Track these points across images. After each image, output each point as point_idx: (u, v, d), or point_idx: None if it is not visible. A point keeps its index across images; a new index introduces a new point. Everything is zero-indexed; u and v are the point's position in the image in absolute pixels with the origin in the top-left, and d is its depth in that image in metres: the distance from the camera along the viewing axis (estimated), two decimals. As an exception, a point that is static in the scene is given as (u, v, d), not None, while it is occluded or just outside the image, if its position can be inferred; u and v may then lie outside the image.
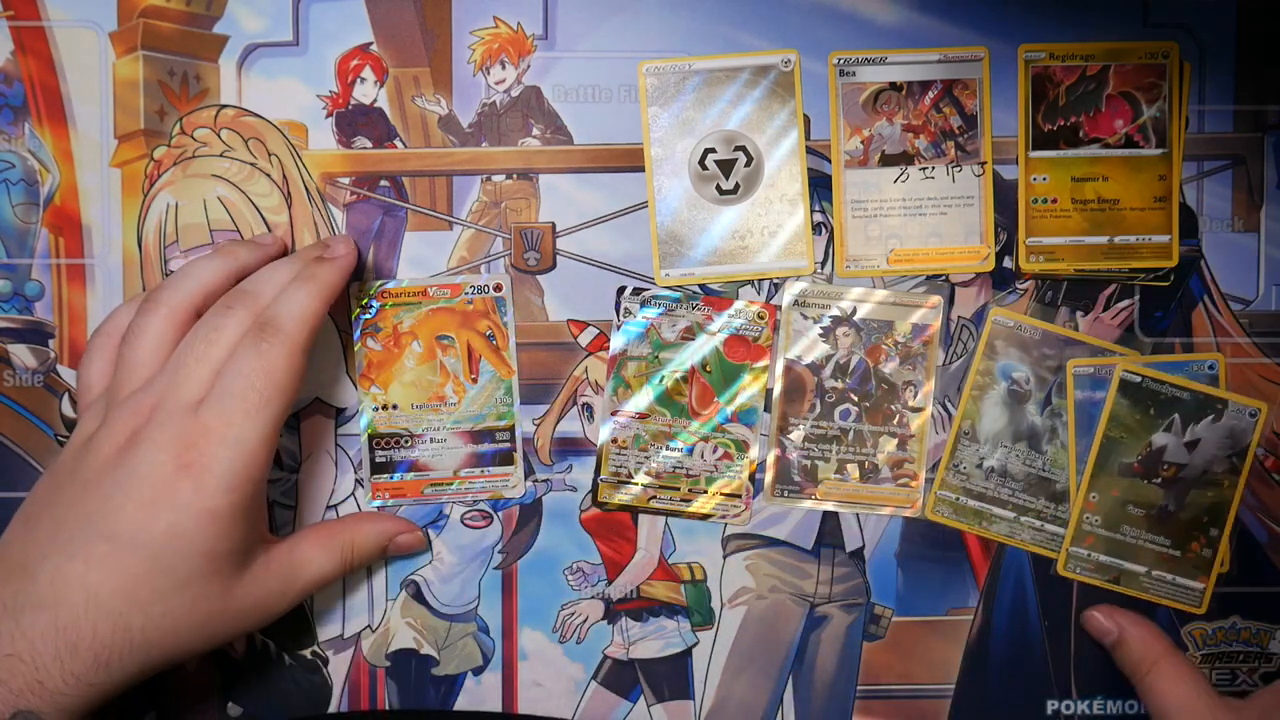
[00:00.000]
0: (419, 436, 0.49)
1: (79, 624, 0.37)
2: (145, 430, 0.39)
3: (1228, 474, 0.48)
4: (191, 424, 0.39)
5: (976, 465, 0.49)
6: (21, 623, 0.37)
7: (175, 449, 0.38)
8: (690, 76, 0.49)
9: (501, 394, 0.49)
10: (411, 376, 0.49)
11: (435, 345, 0.49)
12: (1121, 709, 0.49)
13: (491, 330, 0.49)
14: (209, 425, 0.39)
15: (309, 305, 0.42)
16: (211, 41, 0.49)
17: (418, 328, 0.49)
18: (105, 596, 0.37)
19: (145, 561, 0.38)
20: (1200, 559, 0.48)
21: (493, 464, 0.49)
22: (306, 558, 0.44)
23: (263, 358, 0.40)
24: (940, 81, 0.49)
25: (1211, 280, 0.49)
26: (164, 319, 0.42)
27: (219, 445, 0.39)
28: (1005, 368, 0.49)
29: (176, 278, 0.43)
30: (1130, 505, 0.48)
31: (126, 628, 0.38)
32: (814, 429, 0.49)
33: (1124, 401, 0.48)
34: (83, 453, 0.40)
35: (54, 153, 0.49)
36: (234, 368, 0.40)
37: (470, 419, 0.49)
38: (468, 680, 0.50)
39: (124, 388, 0.41)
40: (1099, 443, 0.48)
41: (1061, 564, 0.49)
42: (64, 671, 0.37)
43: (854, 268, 0.49)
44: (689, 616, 0.50)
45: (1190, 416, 0.48)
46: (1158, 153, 0.49)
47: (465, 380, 0.49)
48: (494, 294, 0.49)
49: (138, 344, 0.42)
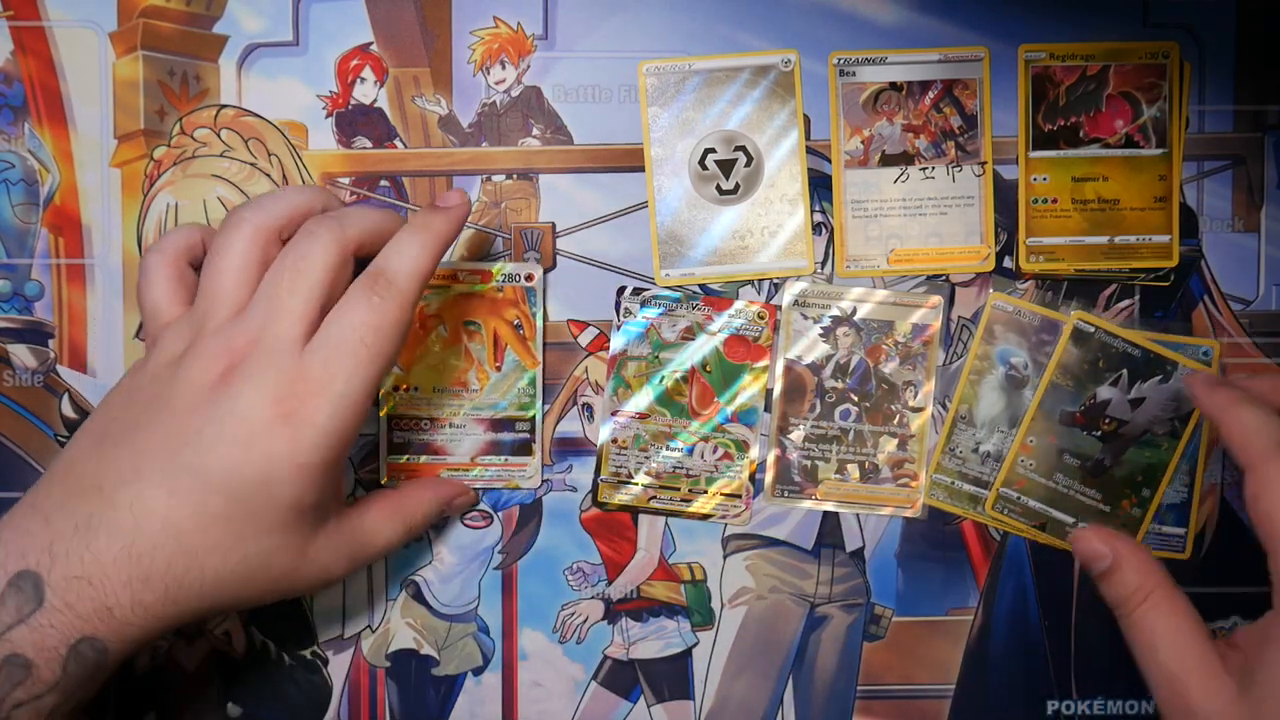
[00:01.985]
0: (439, 420, 0.49)
1: (155, 555, 0.36)
2: (244, 367, 0.37)
3: (1168, 437, 0.48)
4: (294, 369, 0.37)
5: (973, 450, 0.49)
6: (94, 546, 0.35)
7: (276, 394, 0.37)
8: (690, 76, 0.49)
9: (524, 384, 0.49)
10: (435, 360, 0.49)
11: (461, 330, 0.49)
12: (1122, 709, 0.49)
13: (519, 320, 0.49)
14: (313, 375, 0.37)
15: (423, 259, 0.40)
16: (211, 41, 0.49)
17: (445, 311, 0.49)
18: (185, 532, 0.36)
19: (230, 504, 0.37)
20: (1129, 517, 0.48)
21: (511, 453, 0.49)
22: (375, 528, 0.43)
23: (374, 312, 0.38)
24: (940, 81, 0.49)
25: (1212, 280, 0.49)
26: (249, 240, 0.40)
27: (322, 399, 0.37)
28: (1003, 352, 0.49)
29: (262, 198, 0.41)
30: (1067, 454, 0.48)
31: (201, 567, 0.37)
32: (814, 429, 0.49)
33: (1074, 351, 0.48)
34: (169, 378, 0.38)
35: (54, 153, 0.49)
36: (344, 318, 0.38)
37: (491, 407, 0.49)
38: (468, 680, 0.50)
39: (213, 315, 0.39)
40: (1044, 388, 0.48)
41: (990, 503, 0.48)
42: (134, 601, 0.36)
43: (854, 268, 0.49)
44: (689, 617, 0.50)
45: (1139, 374, 0.48)
46: (1158, 153, 0.49)
47: (489, 368, 0.49)
48: (525, 284, 0.49)
49: (222, 266, 0.40)
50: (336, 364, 0.38)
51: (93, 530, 0.36)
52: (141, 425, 0.38)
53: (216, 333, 0.39)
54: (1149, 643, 0.40)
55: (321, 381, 0.37)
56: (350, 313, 0.38)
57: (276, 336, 0.38)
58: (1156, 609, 0.40)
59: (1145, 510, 0.48)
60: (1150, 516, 0.48)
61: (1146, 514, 0.48)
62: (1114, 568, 0.41)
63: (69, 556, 0.35)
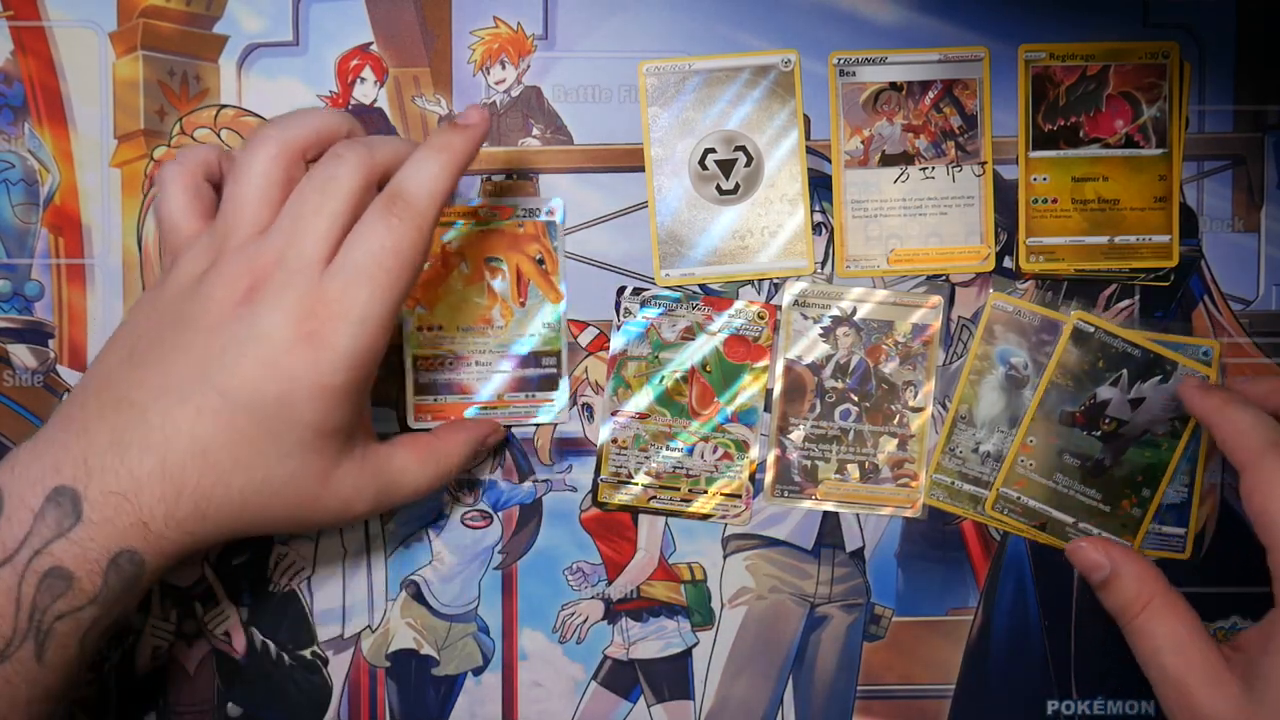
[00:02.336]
0: (464, 358, 0.49)
1: (185, 471, 0.36)
2: (267, 287, 0.37)
3: (1168, 436, 0.48)
4: (315, 290, 0.37)
5: (973, 450, 0.49)
6: (128, 460, 0.36)
7: (298, 314, 0.37)
8: (690, 76, 0.49)
9: (550, 319, 0.49)
10: (458, 298, 0.48)
11: (484, 267, 0.48)
12: (1122, 709, 0.49)
13: (541, 254, 0.48)
14: (334, 297, 0.37)
15: (441, 178, 0.39)
16: (211, 41, 0.49)
17: (466, 248, 0.48)
18: (213, 449, 0.37)
19: (254, 424, 0.37)
20: (1129, 517, 0.48)
21: (538, 389, 0.49)
22: (402, 467, 0.43)
23: (392, 234, 0.38)
24: (940, 81, 0.49)
25: (1212, 280, 0.49)
26: (274, 159, 0.39)
27: (342, 321, 0.37)
28: (1003, 352, 0.49)
29: (287, 116, 0.41)
30: (1067, 454, 0.48)
31: (227, 484, 0.37)
32: (814, 429, 0.49)
33: (1074, 350, 0.48)
34: (193, 295, 0.38)
35: (54, 153, 0.49)
36: (362, 242, 0.38)
37: (516, 342, 0.49)
38: (468, 680, 0.50)
39: (235, 232, 0.39)
40: (1044, 388, 0.48)
41: (990, 503, 0.49)
42: (167, 515, 0.36)
43: (854, 268, 0.49)
44: (689, 617, 0.50)
45: (1138, 374, 0.48)
46: (1158, 153, 0.49)
47: (513, 304, 0.48)
48: (546, 218, 0.48)
49: (246, 182, 0.39)
50: (356, 287, 0.37)
51: (126, 445, 0.36)
52: (167, 343, 0.38)
53: (240, 250, 0.38)
54: (1152, 648, 0.40)
55: (341, 304, 0.37)
56: (369, 236, 0.38)
57: (300, 257, 0.38)
58: (1157, 615, 0.41)
59: (1145, 510, 0.48)
60: (1150, 516, 0.48)
61: (1146, 514, 0.48)
62: (1112, 577, 0.42)
63: (105, 471, 0.36)
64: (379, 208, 0.39)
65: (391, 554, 0.49)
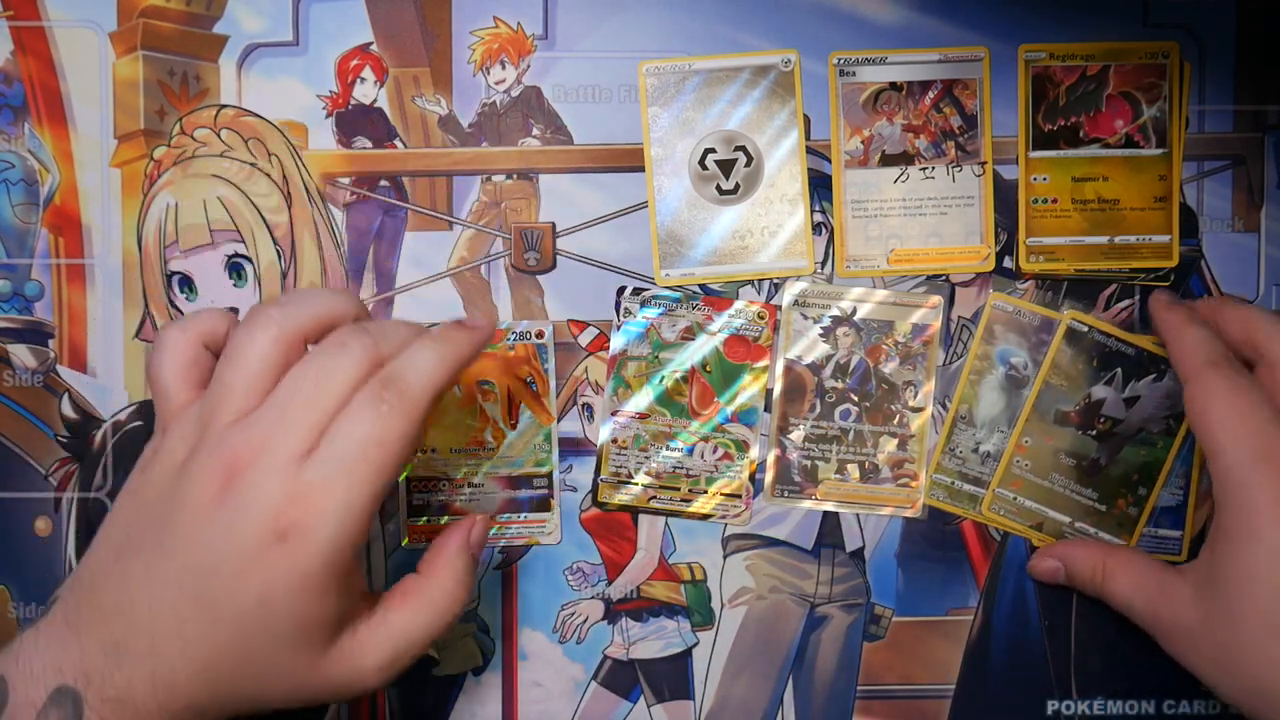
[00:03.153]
0: (457, 481, 0.49)
1: (175, 675, 0.36)
2: (246, 478, 0.36)
3: (1163, 435, 0.48)
4: (293, 483, 0.36)
5: (972, 450, 0.49)
6: (124, 668, 0.36)
7: (274, 510, 0.36)
8: (690, 76, 0.49)
9: (540, 440, 0.49)
10: (451, 421, 0.49)
11: (475, 390, 0.49)
12: (1122, 709, 0.49)
13: (532, 376, 0.49)
14: (312, 489, 0.36)
15: (439, 370, 0.38)
16: (211, 41, 0.49)
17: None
18: (199, 655, 0.36)
19: (237, 626, 0.36)
20: (1125, 516, 0.48)
21: (530, 510, 0.49)
22: (400, 628, 0.40)
23: (380, 423, 0.36)
24: (940, 81, 0.49)
25: (1212, 280, 0.49)
26: (273, 341, 0.38)
27: (319, 515, 0.36)
28: (1003, 352, 0.49)
29: (293, 297, 0.40)
30: (1062, 454, 0.48)
31: (217, 681, 0.37)
32: (814, 429, 0.49)
33: (1068, 350, 0.48)
34: (174, 490, 0.37)
35: (54, 153, 0.49)
36: (347, 429, 0.36)
37: (508, 464, 0.49)
38: (468, 680, 0.50)
39: (220, 415, 0.38)
40: (1038, 388, 0.48)
41: (986, 504, 0.49)
42: (162, 711, 0.36)
43: (854, 268, 0.49)
44: (689, 617, 0.50)
45: (1132, 373, 0.48)
46: (1158, 153, 0.49)
47: (504, 426, 0.49)
48: (536, 340, 0.49)
49: (240, 365, 0.38)
50: (337, 477, 0.36)
51: (121, 654, 0.36)
52: (149, 545, 0.37)
53: (220, 438, 0.37)
54: (1124, 604, 0.45)
55: (319, 496, 0.36)
56: (354, 423, 0.37)
57: (282, 449, 0.36)
58: (1112, 576, 0.45)
59: (1141, 509, 0.48)
60: (1146, 515, 0.48)
61: (1143, 513, 0.48)
62: (1068, 569, 0.47)
63: (102, 678, 0.36)
64: (370, 394, 0.37)
65: (391, 554, 0.49)
